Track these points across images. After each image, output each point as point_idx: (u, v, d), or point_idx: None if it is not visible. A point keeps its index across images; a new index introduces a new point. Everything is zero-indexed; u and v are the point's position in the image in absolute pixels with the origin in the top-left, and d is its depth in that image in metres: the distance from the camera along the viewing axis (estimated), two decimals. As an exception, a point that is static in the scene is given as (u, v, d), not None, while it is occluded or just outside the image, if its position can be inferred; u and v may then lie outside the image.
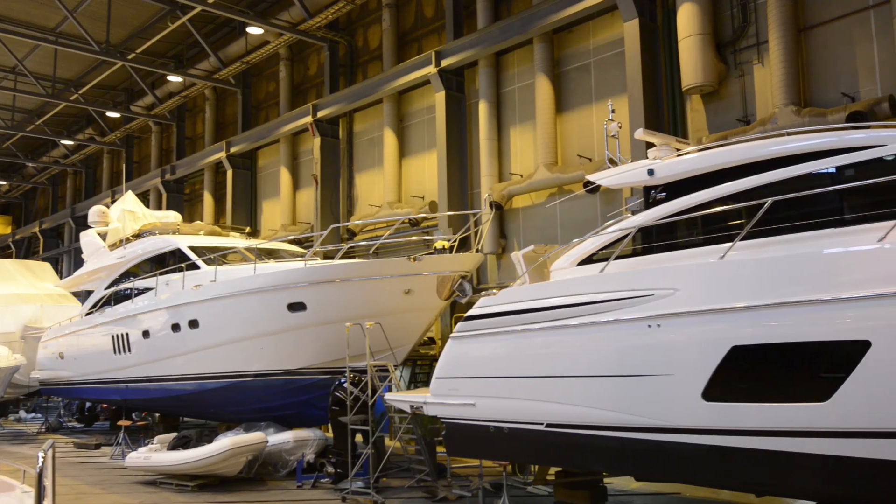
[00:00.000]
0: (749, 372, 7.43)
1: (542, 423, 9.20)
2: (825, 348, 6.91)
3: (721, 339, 7.48)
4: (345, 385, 13.25)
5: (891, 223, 6.65)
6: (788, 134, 8.54)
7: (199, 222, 25.62)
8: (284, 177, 28.32)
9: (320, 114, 25.61)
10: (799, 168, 7.79)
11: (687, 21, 15.37)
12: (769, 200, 7.52)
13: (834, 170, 7.61)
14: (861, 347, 6.53)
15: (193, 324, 16.44)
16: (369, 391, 12.81)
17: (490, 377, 9.89)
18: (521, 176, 19.65)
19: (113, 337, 19.76)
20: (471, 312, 10.26)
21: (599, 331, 8.62)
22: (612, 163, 10.46)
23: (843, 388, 6.64)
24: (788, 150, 8.01)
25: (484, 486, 11.72)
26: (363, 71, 26.12)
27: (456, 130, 21.43)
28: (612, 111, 10.96)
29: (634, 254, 9.10)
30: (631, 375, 8.25)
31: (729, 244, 7.75)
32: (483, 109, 20.49)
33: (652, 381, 8.04)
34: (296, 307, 14.61)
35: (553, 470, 11.27)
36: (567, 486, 10.50)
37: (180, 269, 17.75)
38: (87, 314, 21.99)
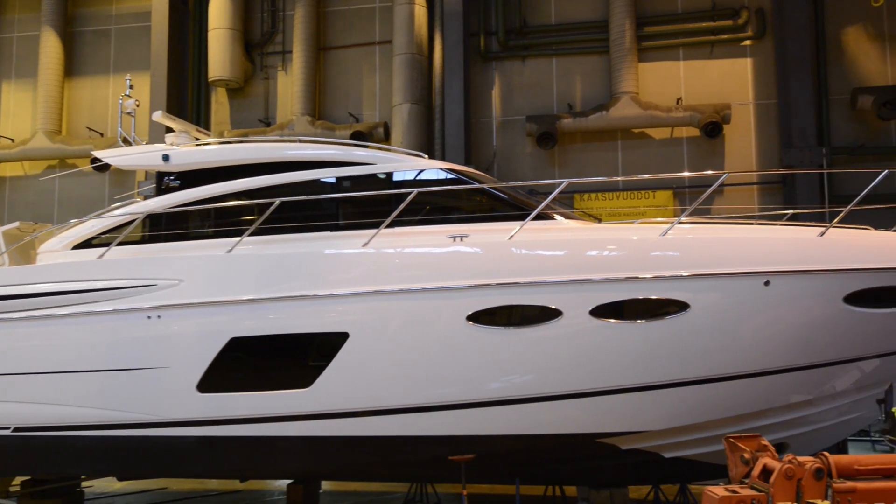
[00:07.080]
0: (245, 362, 7.78)
1: (9, 428, 8.14)
2: (314, 339, 7.66)
3: (221, 331, 7.67)
4: None
5: (374, 231, 7.73)
6: (301, 141, 9.27)
7: None
8: None
9: None
10: (307, 174, 8.51)
11: (218, 13, 15.45)
12: (278, 201, 8.00)
13: (335, 179, 8.53)
14: (341, 338, 7.43)
15: None
16: None
17: (-58, 376, 8.15)
18: (13, 140, 17.06)
19: None
20: (-80, 297, 8.31)
21: (93, 322, 8.02)
22: (126, 142, 9.83)
23: (324, 375, 7.46)
24: (300, 156, 8.69)
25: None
26: None
27: (-79, 70, 17.26)
28: (131, 87, 10.31)
29: (142, 241, 8.66)
30: (124, 369, 7.86)
31: (237, 238, 7.96)
32: (-33, 52, 16.94)
33: (146, 375, 7.77)
34: None
35: (19, 479, 9.86)
36: (36, 495, 9.36)
37: None
38: None
